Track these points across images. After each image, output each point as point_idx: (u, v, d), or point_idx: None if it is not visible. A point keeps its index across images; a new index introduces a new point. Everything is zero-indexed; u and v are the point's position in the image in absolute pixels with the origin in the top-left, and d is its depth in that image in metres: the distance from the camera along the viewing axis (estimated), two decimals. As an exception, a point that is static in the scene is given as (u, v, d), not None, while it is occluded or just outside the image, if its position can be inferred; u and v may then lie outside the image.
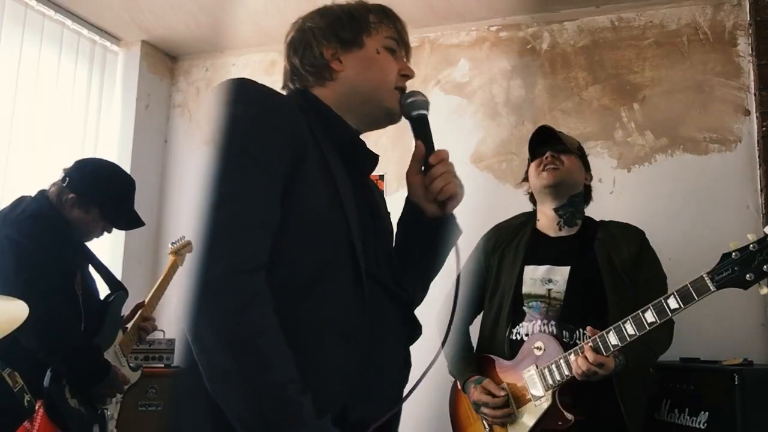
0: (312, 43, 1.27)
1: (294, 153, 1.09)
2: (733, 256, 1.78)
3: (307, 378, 1.01)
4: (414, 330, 1.29)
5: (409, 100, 1.30)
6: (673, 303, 1.83)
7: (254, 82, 1.13)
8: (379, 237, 1.27)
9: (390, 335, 1.21)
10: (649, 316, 1.86)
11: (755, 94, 2.86)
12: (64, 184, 2.31)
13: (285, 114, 1.12)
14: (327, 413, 1.02)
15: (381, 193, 1.43)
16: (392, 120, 1.33)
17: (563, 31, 3.27)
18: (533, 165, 2.28)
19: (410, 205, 1.32)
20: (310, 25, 1.30)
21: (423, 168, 1.28)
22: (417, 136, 1.30)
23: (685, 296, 1.82)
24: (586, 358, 1.90)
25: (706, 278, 1.80)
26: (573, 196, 2.22)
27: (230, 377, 0.97)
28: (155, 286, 2.66)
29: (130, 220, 2.47)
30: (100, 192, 2.34)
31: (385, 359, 1.19)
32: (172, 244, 2.76)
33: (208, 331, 0.98)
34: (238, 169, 1.05)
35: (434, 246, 1.33)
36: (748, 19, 2.94)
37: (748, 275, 1.75)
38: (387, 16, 1.33)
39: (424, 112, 1.31)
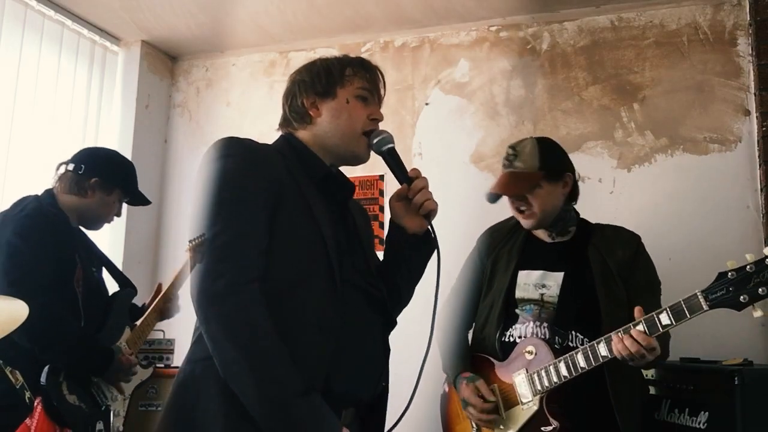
0: (297, 94, 1.57)
1: (273, 193, 1.39)
2: (729, 276, 1.72)
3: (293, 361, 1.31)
4: (388, 322, 1.56)
5: (376, 140, 1.55)
6: (664, 319, 1.79)
7: (241, 140, 1.44)
8: (356, 250, 1.54)
9: (368, 327, 1.49)
10: (640, 329, 1.81)
11: (755, 94, 2.86)
12: (81, 172, 2.34)
13: (264, 164, 1.43)
14: (314, 389, 1.31)
15: (364, 213, 1.74)
16: (359, 161, 1.58)
17: (563, 31, 3.27)
18: (508, 202, 2.23)
19: (393, 225, 1.60)
20: (298, 79, 1.59)
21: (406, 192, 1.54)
22: (390, 166, 1.56)
23: (677, 313, 1.77)
24: (635, 339, 1.80)
25: (699, 296, 1.74)
26: (556, 218, 2.20)
27: (238, 365, 1.28)
28: (173, 277, 2.63)
29: (140, 198, 2.58)
30: (120, 172, 2.46)
31: (364, 345, 1.47)
32: (190, 242, 2.75)
33: (219, 330, 1.30)
34: (230, 207, 1.37)
35: (415, 257, 1.61)
36: (748, 19, 2.94)
37: (742, 297, 1.69)
38: (363, 67, 1.58)
39: (391, 145, 1.56)
